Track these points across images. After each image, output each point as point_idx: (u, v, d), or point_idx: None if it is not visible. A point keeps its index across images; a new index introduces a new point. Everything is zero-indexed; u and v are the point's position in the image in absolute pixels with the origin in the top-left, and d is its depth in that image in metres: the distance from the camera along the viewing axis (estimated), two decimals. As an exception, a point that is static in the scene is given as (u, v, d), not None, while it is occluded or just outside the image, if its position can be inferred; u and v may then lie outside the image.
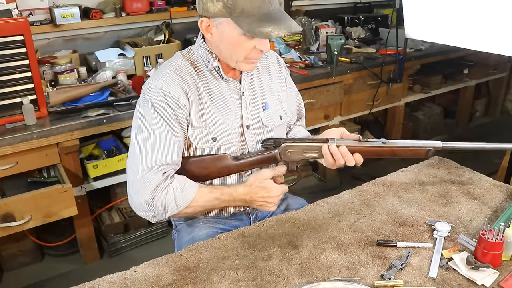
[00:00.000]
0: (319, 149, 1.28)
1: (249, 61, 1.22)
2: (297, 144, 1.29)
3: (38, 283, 2.26)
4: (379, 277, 1.05)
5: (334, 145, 1.25)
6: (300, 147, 1.29)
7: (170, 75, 1.22)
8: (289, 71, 1.54)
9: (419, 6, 2.69)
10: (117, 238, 2.45)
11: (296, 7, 3.39)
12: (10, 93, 1.91)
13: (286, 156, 1.29)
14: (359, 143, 1.27)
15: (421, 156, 1.30)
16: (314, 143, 1.29)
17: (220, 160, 1.28)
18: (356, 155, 1.25)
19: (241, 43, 1.17)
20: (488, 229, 1.05)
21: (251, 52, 1.19)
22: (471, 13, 2.34)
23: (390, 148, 1.28)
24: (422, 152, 1.29)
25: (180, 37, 2.82)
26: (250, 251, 1.15)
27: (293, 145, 1.28)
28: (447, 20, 2.50)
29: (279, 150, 1.28)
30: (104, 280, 1.06)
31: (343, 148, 1.26)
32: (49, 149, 1.99)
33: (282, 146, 1.28)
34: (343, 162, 1.26)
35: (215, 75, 1.28)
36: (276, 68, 1.43)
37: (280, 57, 1.49)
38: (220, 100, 1.28)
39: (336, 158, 1.25)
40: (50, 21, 2.42)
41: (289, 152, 1.28)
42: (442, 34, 2.59)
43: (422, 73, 3.48)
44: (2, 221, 1.82)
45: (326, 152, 1.26)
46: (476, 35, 2.35)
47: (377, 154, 1.28)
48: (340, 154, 1.25)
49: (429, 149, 1.28)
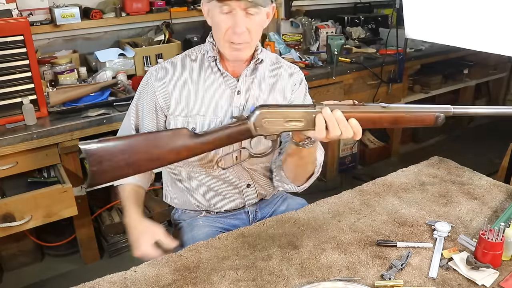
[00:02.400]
0: (305, 116, 1.04)
1: (231, 45, 1.18)
2: (277, 110, 1.05)
3: (38, 283, 2.26)
4: (379, 277, 1.05)
5: (327, 109, 1.02)
6: (280, 114, 1.04)
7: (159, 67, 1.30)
8: (306, 88, 1.43)
9: (419, 6, 2.70)
10: (117, 238, 2.45)
11: (296, 7, 3.39)
12: (10, 93, 1.91)
13: (262, 128, 1.05)
14: (354, 107, 1.04)
15: (429, 124, 1.07)
16: (299, 109, 1.05)
17: (176, 137, 1.04)
18: (352, 121, 1.03)
19: (218, 22, 1.17)
20: (488, 229, 1.05)
21: (227, 32, 1.17)
22: (471, 13, 2.34)
23: (391, 115, 1.06)
24: (430, 119, 1.06)
25: (180, 37, 2.82)
26: (250, 251, 1.15)
27: (271, 112, 1.04)
28: (447, 20, 2.51)
29: (254, 120, 1.05)
30: (104, 280, 1.06)
31: (338, 113, 1.02)
32: (49, 149, 1.99)
33: (257, 114, 1.04)
34: (338, 132, 1.03)
35: (213, 68, 1.28)
36: (285, 80, 1.36)
37: (298, 72, 1.39)
38: (210, 94, 1.27)
39: (330, 126, 1.02)
40: (50, 21, 2.42)
41: (266, 121, 1.05)
42: (442, 34, 2.59)
43: (422, 73, 3.49)
44: (2, 221, 1.81)
45: (319, 119, 1.02)
46: (476, 35, 2.35)
47: (377, 122, 1.07)
48: (335, 120, 1.02)
49: (438, 114, 1.06)
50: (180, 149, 1.02)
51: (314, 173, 1.31)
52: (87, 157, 0.98)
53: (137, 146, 1.01)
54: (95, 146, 0.98)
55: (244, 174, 1.36)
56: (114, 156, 0.99)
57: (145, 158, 1.01)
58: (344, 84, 2.86)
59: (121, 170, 1.01)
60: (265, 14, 1.22)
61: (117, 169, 1.00)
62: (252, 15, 1.15)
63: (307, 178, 1.31)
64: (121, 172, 1.02)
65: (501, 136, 2.63)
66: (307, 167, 1.27)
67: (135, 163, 1.01)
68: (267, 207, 1.48)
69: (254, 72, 1.31)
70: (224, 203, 1.39)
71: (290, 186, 1.35)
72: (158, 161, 1.03)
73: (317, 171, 1.32)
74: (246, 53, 1.23)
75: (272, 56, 1.39)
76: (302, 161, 1.22)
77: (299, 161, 1.22)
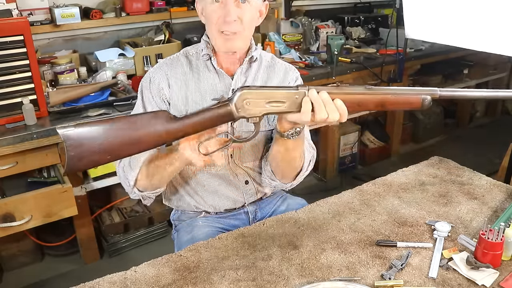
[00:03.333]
0: (288, 97, 1.01)
1: (222, 35, 1.19)
2: (258, 91, 1.02)
3: (38, 283, 2.26)
4: (379, 277, 1.05)
5: (314, 90, 1.01)
6: (262, 95, 1.02)
7: (160, 64, 1.32)
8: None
9: (419, 6, 2.70)
10: (117, 238, 2.45)
11: (296, 7, 3.39)
12: (10, 93, 1.91)
13: (244, 109, 1.02)
14: (339, 88, 1.03)
15: (416, 107, 1.06)
16: (281, 89, 1.03)
17: (156, 119, 0.99)
18: (338, 102, 1.01)
19: (210, 13, 1.19)
20: (488, 229, 1.05)
21: (218, 21, 1.18)
22: (471, 13, 2.35)
23: (377, 96, 1.04)
24: (416, 101, 1.05)
25: (180, 37, 2.82)
26: (250, 251, 1.15)
27: (252, 92, 1.02)
28: (447, 20, 2.51)
29: (235, 101, 1.02)
30: (104, 280, 1.06)
31: (324, 94, 1.00)
32: (49, 149, 1.99)
33: (238, 95, 1.01)
34: (325, 115, 1.00)
35: (209, 67, 1.29)
36: (279, 78, 1.36)
37: (293, 70, 1.39)
38: (206, 91, 1.28)
39: (317, 108, 1.00)
40: (50, 21, 2.42)
41: (247, 102, 1.02)
42: (442, 34, 2.59)
43: (422, 73, 3.49)
44: (2, 221, 1.82)
45: (305, 101, 1.00)
46: (476, 35, 2.35)
47: (363, 104, 1.05)
48: (321, 102, 1.00)
49: (425, 97, 1.04)
50: (161, 132, 0.98)
51: (303, 170, 1.29)
52: (65, 141, 0.95)
53: (116, 129, 0.98)
54: (73, 130, 0.95)
55: (240, 171, 1.36)
56: (93, 140, 0.96)
57: (125, 142, 0.98)
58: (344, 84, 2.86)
59: (99, 155, 0.97)
60: (257, 11, 1.23)
61: (95, 154, 0.97)
62: (244, 5, 1.18)
63: (295, 175, 1.30)
64: (100, 157, 0.98)
65: (501, 136, 2.63)
66: (294, 162, 1.25)
67: (115, 147, 0.98)
68: (267, 207, 1.48)
69: (248, 71, 1.32)
70: (224, 203, 1.39)
71: (277, 183, 1.33)
72: (138, 145, 1.00)
73: (305, 168, 1.30)
74: (238, 43, 1.22)
75: (267, 56, 1.39)
76: (288, 154, 1.20)
77: (285, 154, 1.20)
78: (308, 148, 1.31)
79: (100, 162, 1.00)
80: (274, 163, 1.29)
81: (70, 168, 0.97)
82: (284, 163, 1.25)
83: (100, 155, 0.98)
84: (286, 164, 1.26)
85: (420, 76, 3.50)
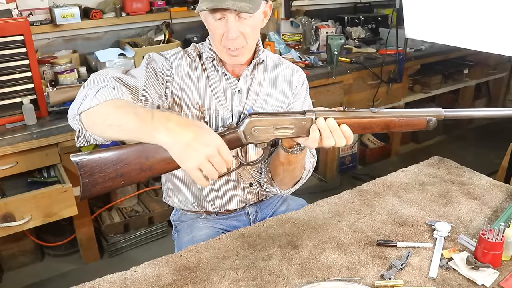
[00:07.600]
0: (295, 123, 1.04)
1: (228, 51, 1.19)
2: (266, 118, 1.04)
3: (38, 283, 2.26)
4: (379, 277, 1.05)
5: (322, 119, 1.03)
6: (269, 122, 1.04)
7: (175, 51, 1.28)
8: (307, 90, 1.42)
9: (419, 6, 2.70)
10: (117, 238, 2.45)
11: (296, 7, 3.39)
12: (10, 93, 1.91)
13: (252, 136, 1.04)
14: (344, 113, 1.05)
15: (421, 128, 1.08)
16: (289, 116, 1.05)
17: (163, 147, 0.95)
18: (344, 127, 1.04)
19: (213, 29, 1.17)
20: (488, 229, 1.05)
21: (222, 39, 1.17)
22: (471, 13, 2.35)
23: (382, 119, 1.06)
24: (421, 123, 1.07)
25: (180, 37, 2.82)
26: (250, 251, 1.15)
27: (260, 120, 1.04)
28: (447, 20, 2.51)
29: (243, 128, 1.04)
30: (104, 280, 1.06)
31: (331, 121, 1.03)
32: (49, 149, 1.99)
33: (246, 122, 1.04)
34: (332, 142, 1.03)
35: (217, 68, 1.28)
36: (287, 81, 1.35)
37: (300, 73, 1.38)
38: (219, 90, 1.27)
39: (325, 136, 1.03)
40: (50, 21, 2.41)
41: (255, 129, 1.04)
42: (442, 34, 2.59)
43: (422, 73, 3.49)
44: (2, 221, 1.81)
45: (313, 129, 1.03)
46: (476, 35, 2.36)
47: (368, 127, 1.07)
48: (329, 130, 1.03)
49: (430, 118, 1.07)
50: (171, 160, 0.96)
51: (301, 179, 1.32)
52: (79, 169, 0.98)
53: (128, 157, 0.99)
54: (87, 158, 0.98)
55: (246, 173, 1.37)
56: (106, 167, 0.98)
57: (137, 168, 0.99)
58: (344, 84, 2.86)
59: (112, 181, 0.99)
60: (262, 13, 1.22)
61: (108, 181, 0.99)
62: (245, 19, 1.14)
63: (293, 183, 1.32)
64: (113, 183, 1.00)
65: (501, 136, 2.63)
66: (295, 173, 1.27)
67: (127, 174, 0.99)
68: (267, 208, 1.48)
69: (254, 72, 1.31)
70: (225, 203, 1.39)
71: (275, 189, 1.35)
72: (150, 171, 1.01)
73: (304, 177, 1.33)
74: (244, 57, 1.23)
75: (274, 57, 1.38)
76: (290, 166, 1.23)
77: (287, 166, 1.23)
78: (309, 158, 1.33)
79: (113, 187, 1.02)
80: (274, 172, 1.30)
81: (84, 195, 1.00)
82: (285, 173, 1.27)
83: (113, 181, 1.00)
84: (286, 174, 1.28)
85: (420, 76, 3.50)
